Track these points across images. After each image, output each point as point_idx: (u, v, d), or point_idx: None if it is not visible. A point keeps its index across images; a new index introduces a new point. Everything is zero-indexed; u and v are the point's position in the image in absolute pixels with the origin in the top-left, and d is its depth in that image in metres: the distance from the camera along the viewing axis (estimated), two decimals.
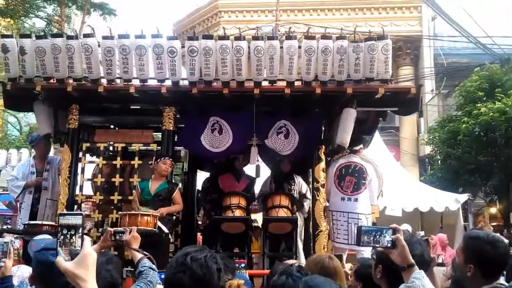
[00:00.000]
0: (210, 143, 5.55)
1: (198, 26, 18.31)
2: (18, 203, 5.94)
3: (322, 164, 5.50)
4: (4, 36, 5.18)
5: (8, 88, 5.23)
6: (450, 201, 10.40)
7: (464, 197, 10.81)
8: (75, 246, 1.43)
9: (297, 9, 17.36)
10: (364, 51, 4.96)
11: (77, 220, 1.48)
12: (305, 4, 17.46)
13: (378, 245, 1.90)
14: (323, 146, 5.54)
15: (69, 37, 5.06)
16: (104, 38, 5.09)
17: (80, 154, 5.61)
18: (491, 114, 11.84)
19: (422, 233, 9.27)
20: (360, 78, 5.07)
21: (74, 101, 5.51)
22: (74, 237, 1.45)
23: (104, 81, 5.27)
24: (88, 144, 5.64)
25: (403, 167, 13.77)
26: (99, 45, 5.07)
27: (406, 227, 7.42)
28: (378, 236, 1.88)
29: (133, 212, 4.72)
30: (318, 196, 5.40)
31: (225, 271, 1.98)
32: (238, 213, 5.43)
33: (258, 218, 7.71)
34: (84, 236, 1.45)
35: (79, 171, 5.57)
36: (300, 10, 17.40)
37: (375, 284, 2.27)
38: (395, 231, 1.90)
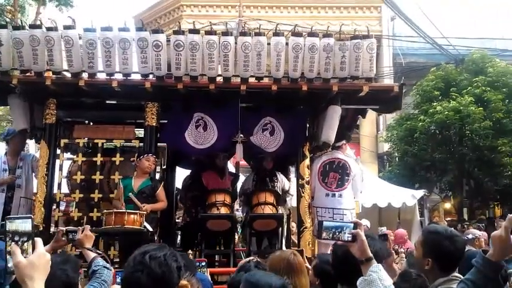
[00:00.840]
0: (194, 140, 5.48)
1: (159, 20, 17.98)
2: None
3: (307, 161, 5.54)
4: None
5: None
6: (407, 197, 10.78)
7: (420, 193, 11.23)
8: (27, 254, 1.36)
9: (260, 6, 17.40)
10: (350, 50, 5.03)
11: (26, 225, 1.39)
12: (268, 1, 17.54)
13: (338, 240, 1.95)
14: (307, 143, 5.58)
15: (49, 28, 4.84)
16: (86, 30, 4.90)
17: (58, 151, 5.38)
18: (446, 112, 12.34)
19: (384, 228, 9.54)
20: (345, 76, 5.14)
21: (51, 95, 5.28)
22: (25, 244, 1.37)
23: (84, 75, 5.09)
24: (66, 140, 5.43)
25: (363, 164, 14.08)
26: (80, 38, 4.88)
27: (365, 222, 7.61)
28: (337, 233, 1.93)
29: (119, 210, 4.57)
30: (303, 193, 5.44)
31: (184, 270, 1.95)
32: (223, 210, 5.38)
33: None
34: (36, 238, 1.39)
35: (57, 168, 5.35)
36: (263, 7, 17.47)
37: (332, 280, 2.31)
38: (356, 225, 1.95)
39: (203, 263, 4.34)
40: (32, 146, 6.13)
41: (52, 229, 5.16)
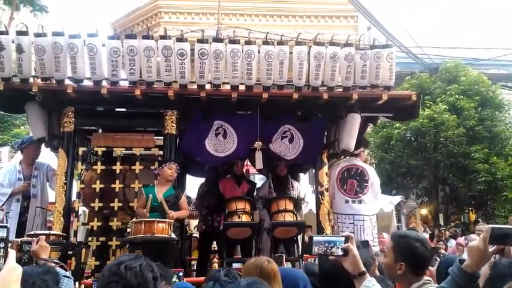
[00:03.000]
0: (214, 148, 5.48)
1: (137, 26, 17.84)
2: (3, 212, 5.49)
3: (326, 168, 5.61)
4: None
5: (0, 88, 4.84)
6: (384, 203, 10.90)
7: (397, 199, 11.44)
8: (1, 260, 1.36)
9: (238, 14, 17.40)
10: (370, 59, 5.13)
11: (2, 233, 1.42)
12: (247, 9, 17.58)
13: (330, 255, 1.90)
14: (326, 150, 5.65)
15: (72, 36, 4.79)
16: (110, 38, 4.90)
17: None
18: (421, 120, 12.59)
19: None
20: (366, 85, 5.23)
21: (69, 103, 5.22)
22: (1, 251, 1.40)
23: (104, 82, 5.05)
24: (85, 149, 5.35)
25: None
26: (103, 45, 4.85)
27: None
28: (330, 248, 1.88)
29: (148, 218, 4.53)
30: (323, 200, 5.50)
31: (161, 279, 1.92)
32: (244, 218, 5.38)
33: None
34: (9, 250, 1.38)
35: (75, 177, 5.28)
36: (242, 14, 17.48)
37: None
38: (347, 239, 1.90)
39: (180, 273, 4.33)
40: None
41: (71, 239, 5.09)
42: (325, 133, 5.72)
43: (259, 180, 6.55)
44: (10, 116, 21.71)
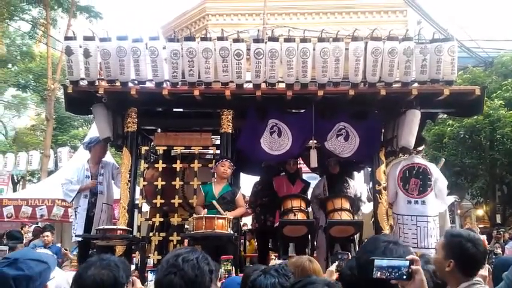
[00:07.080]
0: (269, 146, 5.52)
1: (185, 29, 18.26)
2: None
3: (383, 166, 5.50)
4: (68, 38, 5.10)
5: (69, 91, 5.15)
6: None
7: (451, 199, 10.89)
8: None
9: (284, 13, 17.29)
10: (431, 53, 4.98)
11: None
12: (292, 8, 17.42)
13: (393, 279, 1.73)
14: (383, 148, 5.54)
15: (135, 40, 5.01)
16: (170, 40, 5.06)
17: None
18: (476, 117, 11.96)
19: None
20: (426, 80, 5.08)
21: (132, 104, 5.46)
22: None
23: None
24: (147, 148, 5.58)
25: None
26: (164, 48, 5.03)
27: None
28: (394, 273, 1.72)
29: (209, 215, 4.65)
30: (381, 199, 5.40)
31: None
32: (300, 216, 5.40)
33: (247, 221, 7.77)
34: None
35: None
36: (288, 14, 17.35)
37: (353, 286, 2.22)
38: (412, 262, 1.75)
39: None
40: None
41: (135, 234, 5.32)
42: (382, 130, 5.60)
43: (309, 179, 6.50)
44: (69, 118, 23.08)
